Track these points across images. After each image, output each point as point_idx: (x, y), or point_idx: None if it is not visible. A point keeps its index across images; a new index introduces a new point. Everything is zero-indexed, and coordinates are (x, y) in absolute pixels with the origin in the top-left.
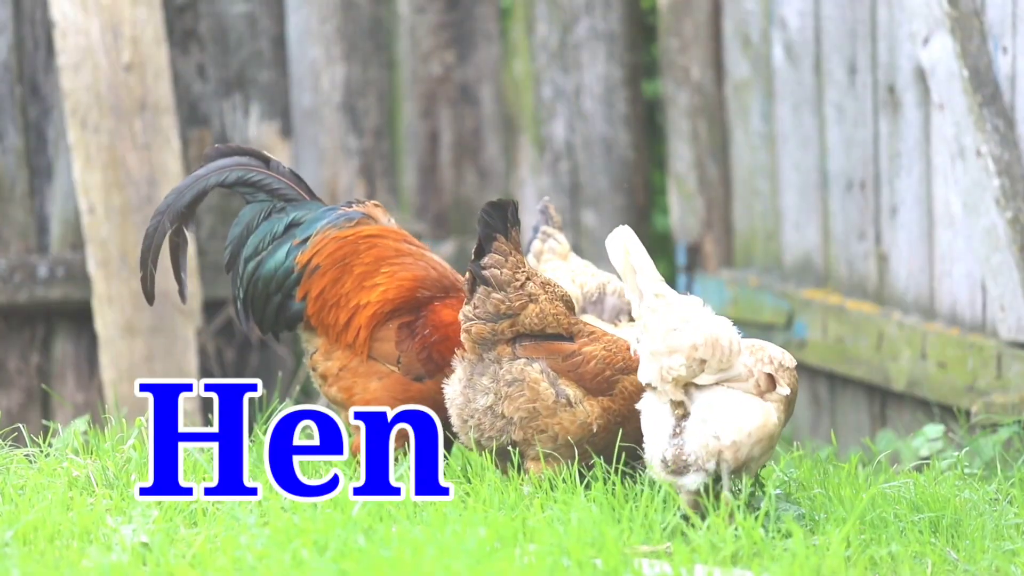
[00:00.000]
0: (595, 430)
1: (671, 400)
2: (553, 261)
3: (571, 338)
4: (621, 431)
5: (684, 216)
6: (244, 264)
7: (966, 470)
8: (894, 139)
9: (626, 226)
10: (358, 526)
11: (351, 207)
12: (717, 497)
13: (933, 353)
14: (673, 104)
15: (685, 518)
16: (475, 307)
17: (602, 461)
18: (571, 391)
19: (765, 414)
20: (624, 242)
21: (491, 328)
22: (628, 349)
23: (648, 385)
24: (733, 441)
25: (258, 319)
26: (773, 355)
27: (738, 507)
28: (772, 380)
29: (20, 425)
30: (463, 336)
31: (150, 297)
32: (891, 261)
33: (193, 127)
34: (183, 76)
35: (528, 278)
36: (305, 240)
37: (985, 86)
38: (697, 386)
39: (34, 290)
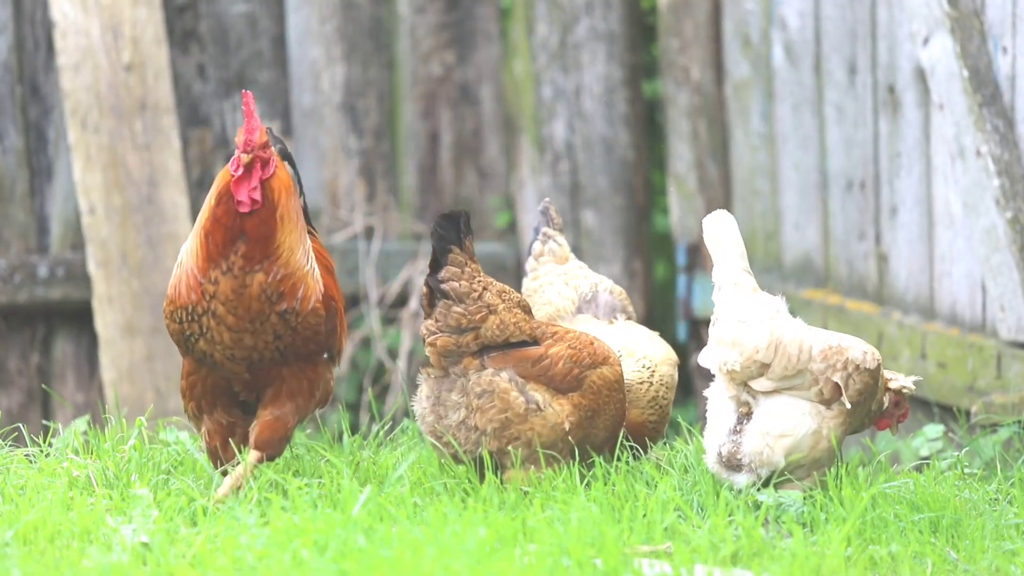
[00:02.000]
0: (568, 428)
1: (734, 396)
2: (549, 264)
3: (536, 341)
4: (597, 422)
5: (684, 216)
6: None
7: (966, 470)
8: (894, 139)
9: (724, 211)
10: (358, 526)
11: None
12: (717, 497)
13: (933, 353)
14: (673, 104)
15: (685, 517)
16: (436, 320)
17: (578, 453)
18: (539, 395)
19: (817, 435)
20: (719, 226)
21: (455, 340)
22: (592, 343)
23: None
24: (784, 459)
25: None
26: (851, 358)
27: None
28: (838, 389)
29: (20, 425)
30: (428, 350)
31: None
32: (891, 261)
33: (193, 127)
34: (183, 76)
35: (485, 288)
36: None
37: (985, 86)
38: (760, 391)
39: (34, 290)
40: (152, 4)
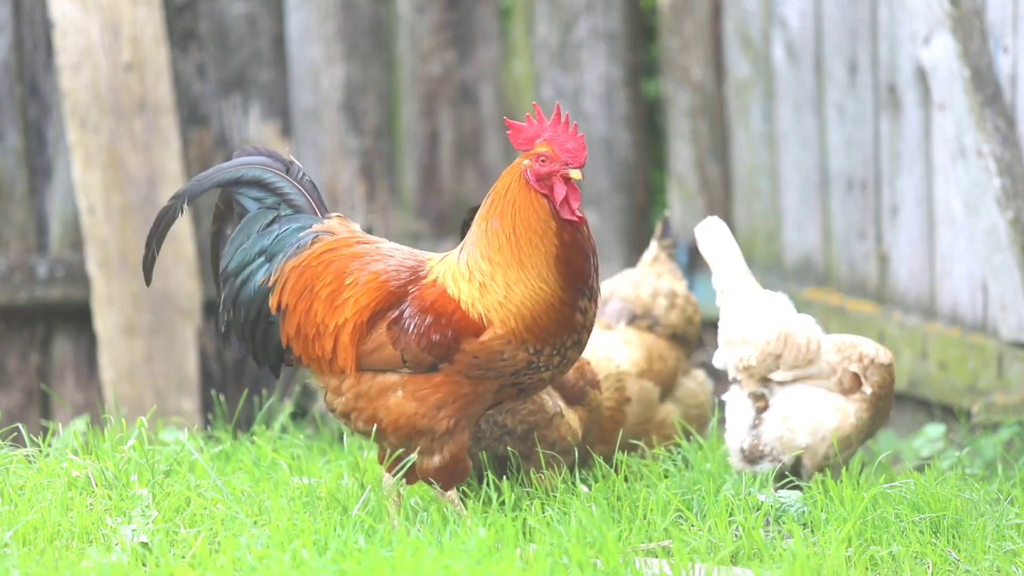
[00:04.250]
0: (580, 436)
1: (751, 392)
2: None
3: None
4: (587, 438)
5: (685, 216)
6: (230, 281)
7: (967, 470)
8: (895, 139)
9: (716, 217)
10: (358, 526)
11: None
12: (717, 497)
13: (934, 353)
14: (673, 104)
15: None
16: None
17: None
18: (561, 402)
19: (842, 416)
20: (712, 233)
21: None
22: (588, 364)
23: (732, 379)
24: (808, 444)
25: (249, 348)
26: (865, 352)
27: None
28: (857, 379)
29: (20, 425)
30: None
31: (148, 278)
32: (892, 261)
33: (193, 127)
34: (183, 76)
35: None
36: (269, 279)
37: (986, 86)
38: (777, 382)
39: (34, 290)
40: (152, 4)
